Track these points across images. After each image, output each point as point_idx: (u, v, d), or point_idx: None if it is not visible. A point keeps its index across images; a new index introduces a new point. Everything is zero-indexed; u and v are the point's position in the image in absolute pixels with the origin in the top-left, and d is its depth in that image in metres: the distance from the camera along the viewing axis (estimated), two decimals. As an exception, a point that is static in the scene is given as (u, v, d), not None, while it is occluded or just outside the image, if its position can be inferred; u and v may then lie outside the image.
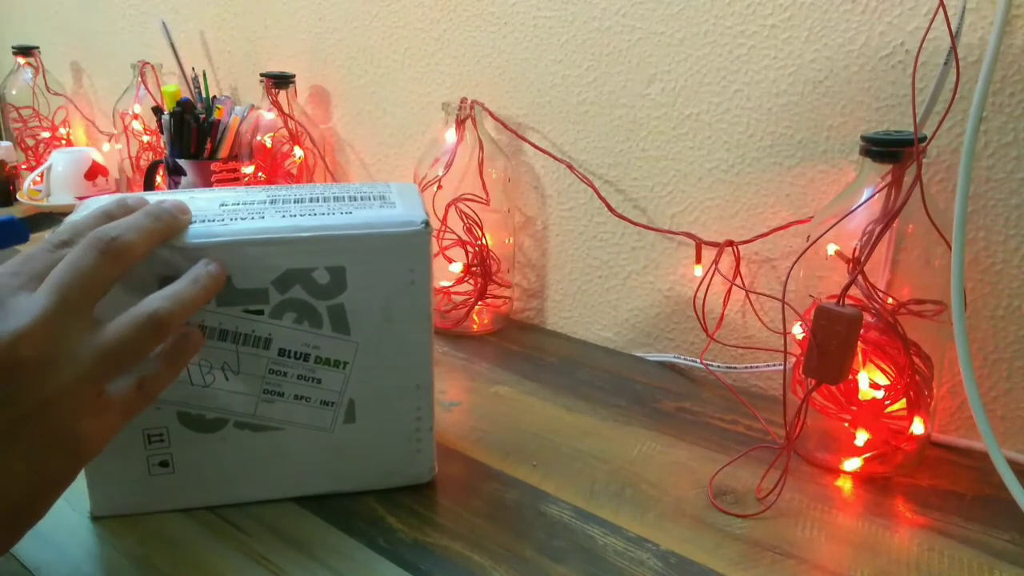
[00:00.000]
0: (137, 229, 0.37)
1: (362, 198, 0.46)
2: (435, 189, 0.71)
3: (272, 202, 0.45)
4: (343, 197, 0.46)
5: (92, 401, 0.34)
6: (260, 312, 0.42)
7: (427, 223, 0.43)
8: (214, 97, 0.94)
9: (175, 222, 0.40)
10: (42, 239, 0.40)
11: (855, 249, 0.48)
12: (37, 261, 0.35)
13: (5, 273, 0.34)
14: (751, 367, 0.63)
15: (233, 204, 0.44)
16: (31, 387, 0.32)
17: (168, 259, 0.40)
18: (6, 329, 0.32)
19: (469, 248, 0.71)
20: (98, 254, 0.35)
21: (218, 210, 0.43)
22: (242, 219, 0.42)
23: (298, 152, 0.89)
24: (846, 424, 0.51)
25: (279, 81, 0.88)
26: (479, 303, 0.73)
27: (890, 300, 0.49)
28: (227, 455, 0.45)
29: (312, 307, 0.43)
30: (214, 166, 0.89)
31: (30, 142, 1.22)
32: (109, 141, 1.21)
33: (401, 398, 0.46)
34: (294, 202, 0.45)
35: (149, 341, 0.36)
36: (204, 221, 0.42)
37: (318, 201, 0.45)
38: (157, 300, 0.37)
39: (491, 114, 0.73)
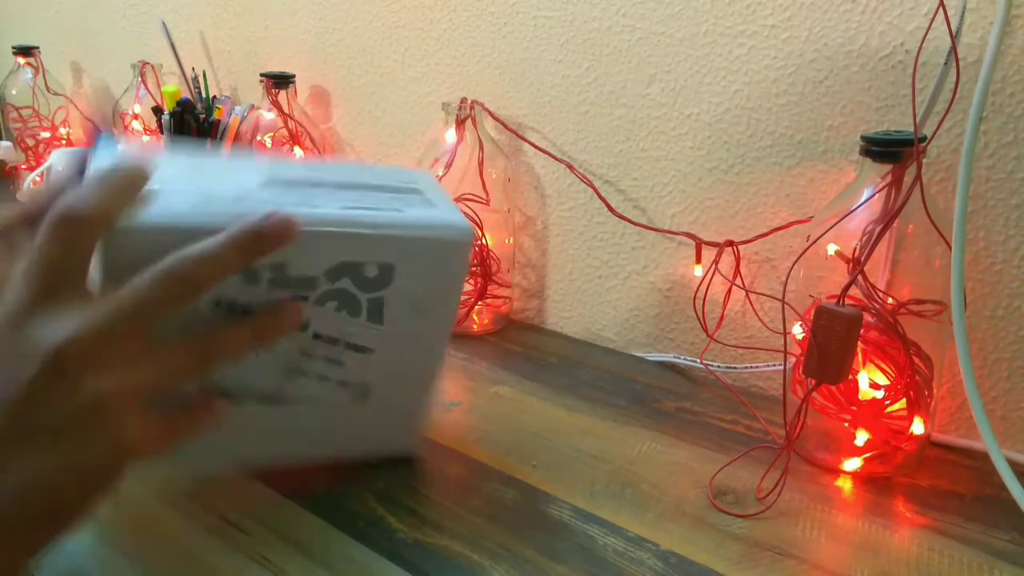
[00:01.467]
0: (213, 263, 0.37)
1: (398, 190, 0.46)
2: (435, 189, 0.71)
3: (315, 185, 0.44)
4: (382, 186, 0.46)
5: (139, 402, 0.35)
6: (305, 299, 0.42)
7: (472, 232, 0.44)
8: (214, 97, 0.94)
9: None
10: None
11: (855, 249, 0.48)
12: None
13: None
14: (751, 367, 0.63)
15: (275, 186, 0.43)
16: (81, 385, 0.33)
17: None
18: (60, 334, 0.32)
19: (469, 248, 0.71)
20: (168, 288, 0.35)
21: (266, 196, 0.42)
22: (298, 205, 0.41)
23: (298, 152, 0.89)
24: (846, 424, 0.51)
25: (279, 81, 0.88)
26: (479, 303, 0.73)
27: (890, 300, 0.49)
28: (239, 424, 0.45)
29: (355, 297, 0.43)
30: (214, 166, 0.89)
31: (30, 142, 1.22)
32: (109, 141, 1.21)
33: (412, 384, 0.48)
34: (336, 188, 0.44)
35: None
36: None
37: (360, 189, 0.45)
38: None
39: (491, 114, 0.73)
